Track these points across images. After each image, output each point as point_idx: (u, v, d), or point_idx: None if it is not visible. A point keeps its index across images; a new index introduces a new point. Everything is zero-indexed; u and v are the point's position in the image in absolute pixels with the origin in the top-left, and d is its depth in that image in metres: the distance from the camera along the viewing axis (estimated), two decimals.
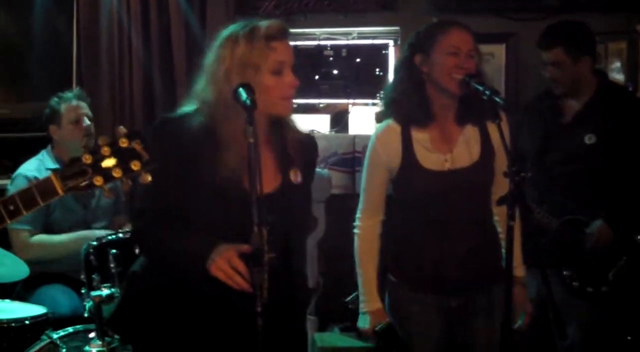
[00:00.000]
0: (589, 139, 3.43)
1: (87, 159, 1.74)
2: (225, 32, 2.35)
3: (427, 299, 2.83)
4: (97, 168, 1.75)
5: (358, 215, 2.93)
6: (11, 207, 1.74)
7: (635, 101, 3.67)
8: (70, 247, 3.62)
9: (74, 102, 3.91)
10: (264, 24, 2.33)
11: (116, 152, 1.77)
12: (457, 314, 2.85)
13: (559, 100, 3.54)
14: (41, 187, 1.73)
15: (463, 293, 2.83)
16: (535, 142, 3.52)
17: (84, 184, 1.75)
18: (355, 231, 2.92)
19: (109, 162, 1.76)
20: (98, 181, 1.75)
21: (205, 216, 2.28)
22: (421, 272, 2.83)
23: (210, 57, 2.35)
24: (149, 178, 1.81)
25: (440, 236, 2.78)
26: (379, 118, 2.96)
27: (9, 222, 1.74)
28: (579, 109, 3.49)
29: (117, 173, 1.76)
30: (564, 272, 3.44)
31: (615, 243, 3.41)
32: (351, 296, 3.02)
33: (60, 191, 1.74)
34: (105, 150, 1.76)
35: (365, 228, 2.90)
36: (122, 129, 1.80)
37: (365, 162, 2.92)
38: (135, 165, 1.77)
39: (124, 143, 1.78)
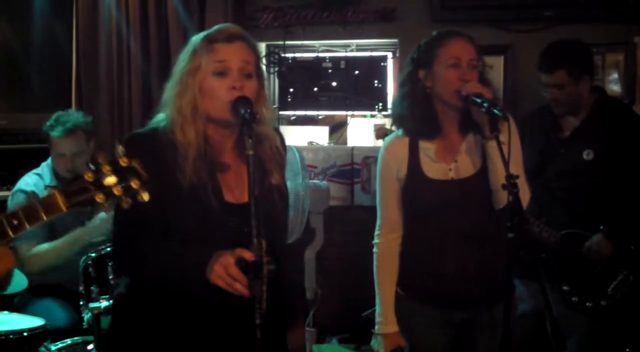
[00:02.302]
0: (587, 155, 3.44)
1: (89, 177, 1.79)
2: None
3: (431, 312, 2.80)
4: (98, 186, 1.79)
5: (376, 232, 2.89)
6: (15, 222, 1.78)
7: (632, 116, 3.67)
8: (65, 250, 3.60)
9: (63, 138, 3.81)
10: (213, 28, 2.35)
11: (116, 170, 1.81)
12: (461, 329, 2.82)
13: (559, 116, 3.55)
14: (45, 203, 1.77)
15: (467, 308, 2.79)
16: (533, 156, 3.53)
17: (86, 200, 1.79)
18: (374, 249, 2.88)
19: (110, 180, 1.80)
20: (100, 198, 1.79)
21: (184, 227, 2.26)
22: (424, 284, 2.80)
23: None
24: (147, 196, 1.83)
25: (444, 248, 2.75)
26: (379, 133, 2.95)
27: (12, 236, 1.77)
28: (577, 125, 3.51)
29: (117, 191, 1.80)
30: (563, 287, 3.44)
31: (615, 257, 3.41)
32: (368, 311, 2.99)
33: (63, 207, 1.78)
34: (107, 168, 1.80)
35: (384, 245, 2.87)
36: (121, 149, 1.83)
37: (377, 176, 2.89)
38: (134, 184, 1.82)
39: (124, 162, 1.82)
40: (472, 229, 2.74)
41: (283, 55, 4.95)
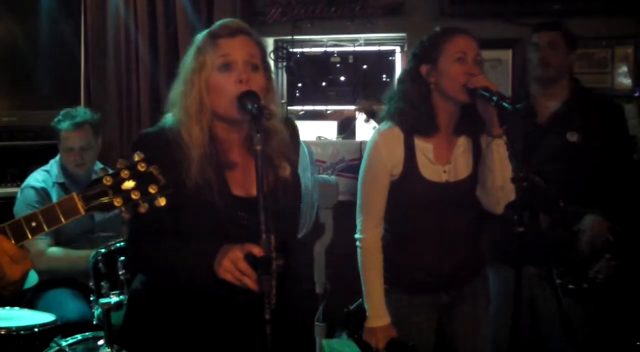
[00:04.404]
0: (571, 136, 3.45)
1: (108, 181, 1.81)
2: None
3: (419, 299, 2.85)
4: (117, 190, 1.82)
5: (360, 227, 2.85)
6: (33, 224, 1.80)
7: (610, 101, 3.72)
8: (83, 264, 3.62)
9: (71, 131, 3.89)
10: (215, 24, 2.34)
11: (135, 175, 1.84)
12: (446, 307, 2.90)
13: (532, 100, 3.56)
14: (64, 206, 1.80)
15: (453, 289, 2.87)
16: (517, 143, 3.53)
17: (104, 204, 1.82)
18: (358, 243, 2.86)
19: (128, 185, 1.83)
20: (118, 202, 1.82)
21: (194, 226, 2.27)
22: (413, 277, 2.84)
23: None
24: (164, 202, 1.85)
25: (436, 243, 2.80)
26: (364, 109, 2.94)
27: (30, 238, 1.80)
28: (557, 108, 3.51)
29: (135, 195, 1.83)
30: (553, 271, 3.43)
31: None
32: (355, 304, 2.98)
33: (82, 211, 1.81)
34: (125, 173, 1.83)
35: (370, 239, 2.83)
36: (139, 154, 1.86)
37: (365, 168, 2.84)
38: (152, 189, 1.85)
39: (142, 167, 1.85)
40: (463, 226, 2.81)
41: (291, 50, 4.95)
